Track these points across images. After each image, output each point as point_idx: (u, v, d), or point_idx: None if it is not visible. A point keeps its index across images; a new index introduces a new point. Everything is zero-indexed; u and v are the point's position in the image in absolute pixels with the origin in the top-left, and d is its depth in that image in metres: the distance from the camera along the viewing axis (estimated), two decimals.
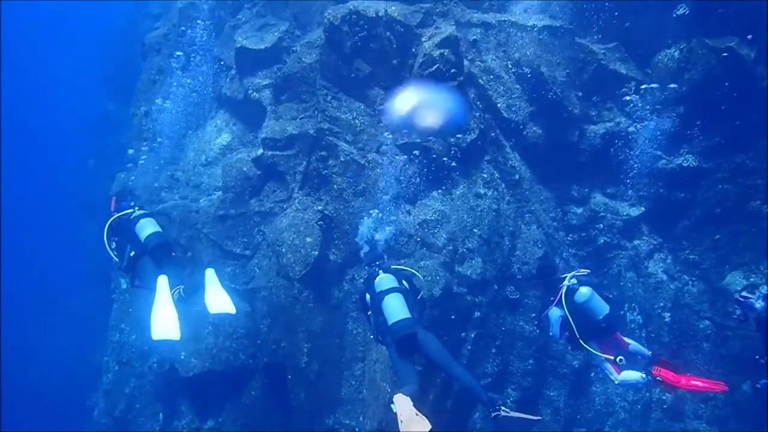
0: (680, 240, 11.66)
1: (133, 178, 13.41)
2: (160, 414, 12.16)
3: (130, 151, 14.36)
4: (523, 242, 11.30)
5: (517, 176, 11.37)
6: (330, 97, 11.22)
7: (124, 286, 13.46)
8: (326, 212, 10.71)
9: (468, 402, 10.72)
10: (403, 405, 6.60)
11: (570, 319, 7.89)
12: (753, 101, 10.46)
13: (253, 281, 11.07)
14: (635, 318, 11.49)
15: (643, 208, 11.74)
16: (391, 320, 7.14)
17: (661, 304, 11.50)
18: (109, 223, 8.26)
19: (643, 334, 11.38)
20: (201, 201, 12.33)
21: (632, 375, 7.88)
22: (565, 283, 8.11)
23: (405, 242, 10.79)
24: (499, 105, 11.30)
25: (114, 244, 8.23)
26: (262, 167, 11.48)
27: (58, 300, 24.83)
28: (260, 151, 11.45)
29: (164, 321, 7.58)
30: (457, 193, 11.31)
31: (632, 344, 8.34)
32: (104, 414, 13.11)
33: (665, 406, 11.20)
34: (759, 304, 7.33)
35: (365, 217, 10.22)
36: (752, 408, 10.66)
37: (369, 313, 7.67)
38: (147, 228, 8.06)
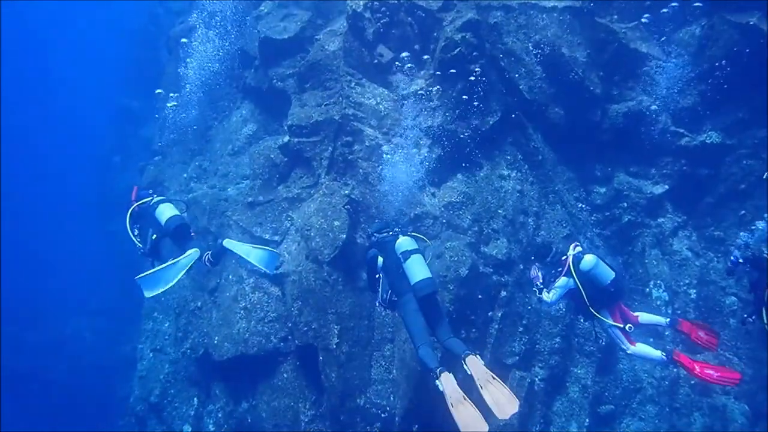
0: (704, 217, 11.71)
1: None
2: (195, 398, 12.45)
3: (159, 144, 14.71)
4: (548, 222, 11.43)
5: (540, 157, 11.49)
6: (354, 83, 11.41)
7: None
8: (353, 196, 10.89)
9: None
10: (449, 384, 6.93)
11: (581, 288, 8.17)
12: None
13: (282, 266, 11.27)
14: (661, 295, 11.55)
15: (666, 186, 11.78)
16: (414, 279, 7.51)
17: (687, 281, 11.56)
18: (130, 211, 8.74)
19: (669, 311, 11.44)
20: (229, 190, 12.58)
21: (649, 351, 8.27)
22: (570, 252, 8.43)
23: (431, 224, 10.96)
24: (521, 87, 11.41)
25: (136, 231, 8.65)
26: (289, 154, 11.69)
27: (84, 296, 25.27)
28: (286, 138, 11.66)
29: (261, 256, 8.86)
30: (481, 174, 11.47)
31: (642, 315, 8.64)
32: (140, 400, 13.45)
33: (693, 382, 11.26)
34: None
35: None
36: None
37: (378, 275, 8.02)
38: (167, 212, 8.61)
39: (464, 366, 7.10)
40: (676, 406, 11.27)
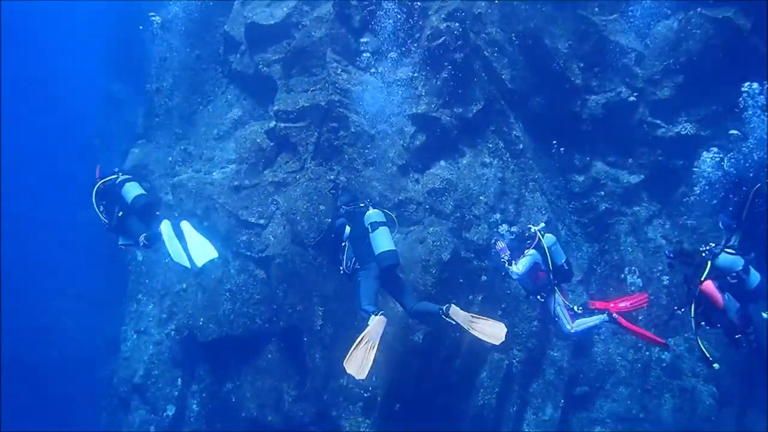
0: (678, 206, 12.07)
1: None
2: (179, 379, 12.61)
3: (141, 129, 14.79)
4: (528, 209, 11.71)
5: (521, 146, 11.75)
6: (340, 69, 11.56)
7: (140, 258, 13.87)
8: (338, 181, 11.08)
9: (475, 363, 11.20)
10: (459, 315, 7.82)
11: (550, 259, 8.86)
12: (749, 70, 10.82)
13: (268, 249, 11.43)
14: (635, 281, 11.89)
15: (642, 176, 12.10)
16: (379, 250, 8.07)
17: (660, 268, 11.88)
18: (96, 188, 8.96)
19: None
20: (214, 174, 12.66)
21: (589, 320, 9.00)
22: (536, 229, 9.02)
23: (414, 209, 11.20)
24: (503, 76, 11.65)
25: (102, 207, 8.86)
26: (275, 139, 11.82)
27: (64, 280, 25.09)
28: (273, 123, 11.78)
29: (198, 248, 8.55)
30: (464, 162, 11.72)
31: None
32: (123, 381, 13.54)
33: (664, 365, 11.66)
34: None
35: None
36: (746, 366, 11.15)
37: (344, 244, 8.48)
38: (133, 191, 8.82)
39: (447, 320, 7.81)
40: (648, 388, 11.65)
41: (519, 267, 8.80)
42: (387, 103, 11.51)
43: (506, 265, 8.94)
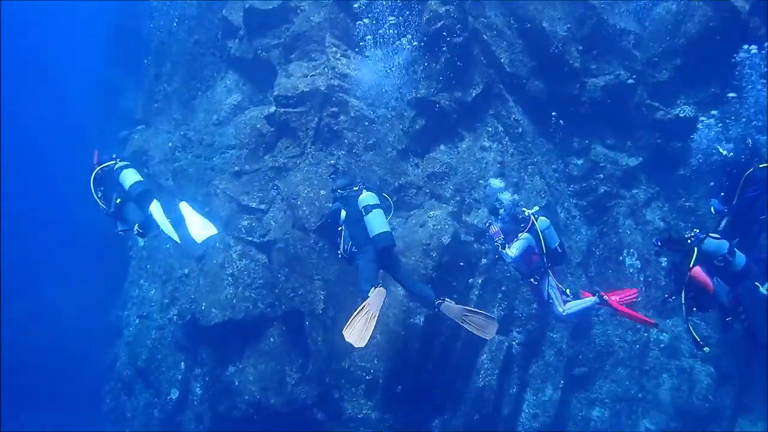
0: (676, 188, 12.16)
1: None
2: (182, 363, 12.69)
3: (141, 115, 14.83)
4: (527, 193, 11.77)
5: (520, 129, 11.80)
6: (339, 54, 11.59)
7: (141, 243, 13.94)
8: (338, 166, 11.13)
9: (475, 345, 11.31)
10: (452, 308, 8.01)
11: (543, 243, 8.93)
12: None
13: (269, 234, 11.51)
14: (634, 263, 12.00)
15: (641, 158, 12.18)
16: (374, 232, 8.14)
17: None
18: (93, 174, 8.93)
19: (641, 278, 11.91)
20: (215, 159, 12.72)
21: (580, 302, 9.11)
22: (530, 212, 9.15)
23: (414, 194, 11.27)
24: (502, 60, 11.69)
25: (100, 193, 8.92)
26: (275, 124, 11.85)
27: (62, 266, 25.18)
28: (272, 108, 11.81)
29: (197, 225, 8.73)
30: (463, 146, 11.78)
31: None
32: (126, 365, 13.68)
33: (662, 346, 11.79)
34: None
35: None
36: (744, 346, 11.27)
37: (340, 228, 8.52)
38: (130, 177, 8.81)
39: (441, 312, 8.04)
40: (646, 369, 11.81)
41: (513, 250, 8.86)
42: (386, 88, 11.55)
43: (500, 248, 8.97)
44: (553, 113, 11.97)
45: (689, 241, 7.96)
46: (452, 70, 11.49)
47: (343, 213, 8.53)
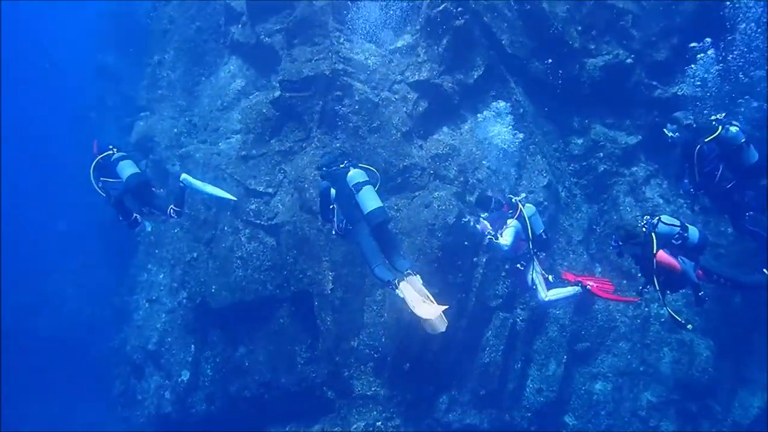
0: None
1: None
2: (192, 345, 12.90)
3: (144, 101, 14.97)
4: (529, 172, 11.98)
5: (521, 110, 11.98)
6: (342, 38, 11.73)
7: (149, 228, 14.10)
8: (344, 149, 11.30)
9: (480, 322, 11.57)
10: (408, 290, 7.84)
11: (530, 228, 9.06)
12: None
13: (277, 217, 11.71)
14: None
15: (640, 137, 12.37)
16: (367, 209, 8.21)
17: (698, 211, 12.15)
18: (94, 163, 9.16)
19: None
20: (220, 144, 12.87)
21: (563, 290, 9.26)
22: (517, 199, 9.25)
23: (419, 175, 11.46)
24: (503, 42, 11.86)
25: (101, 183, 9.11)
26: (281, 108, 11.99)
27: (65, 252, 25.31)
28: (278, 93, 11.94)
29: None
30: (466, 127, 11.96)
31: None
32: (137, 349, 13.89)
33: (663, 320, 12.03)
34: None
35: None
36: (741, 319, 11.55)
37: (332, 206, 8.61)
38: (127, 169, 9.01)
39: (396, 291, 7.91)
40: (647, 343, 12.03)
41: (507, 239, 8.89)
42: (390, 71, 11.70)
43: (493, 240, 8.97)
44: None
45: (645, 229, 8.01)
46: (454, 52, 11.65)
47: (332, 191, 8.60)
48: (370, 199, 8.28)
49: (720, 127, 8.70)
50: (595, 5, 11.93)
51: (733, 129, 8.73)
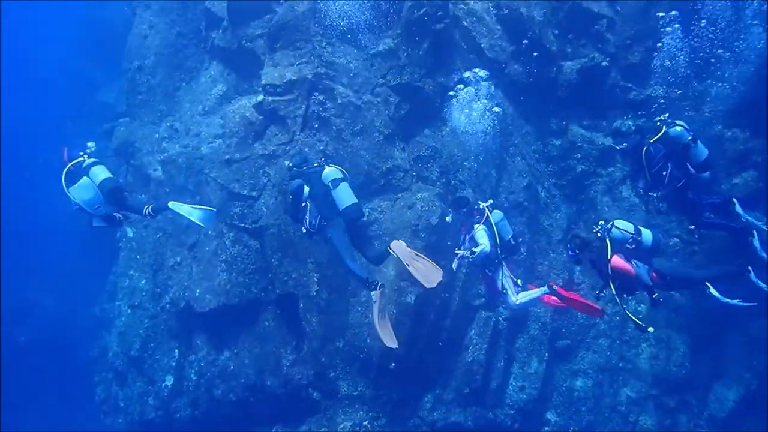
0: None
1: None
2: (176, 350, 12.87)
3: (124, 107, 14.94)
4: (509, 173, 12.20)
5: (501, 112, 12.19)
6: (324, 43, 11.85)
7: (131, 234, 14.08)
8: (327, 152, 11.41)
9: (464, 322, 11.74)
10: (402, 248, 8.60)
11: (497, 234, 9.07)
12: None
13: (261, 219, 11.73)
14: None
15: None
16: (344, 204, 8.59)
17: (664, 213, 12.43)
18: (65, 171, 9.09)
19: None
20: (203, 148, 12.87)
21: (531, 293, 9.32)
22: (485, 205, 9.28)
23: (402, 177, 11.61)
24: (482, 45, 12.07)
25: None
26: (264, 112, 12.03)
27: (42, 262, 24.97)
28: (261, 97, 12.01)
29: (198, 214, 9.40)
30: (447, 130, 12.13)
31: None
32: (119, 355, 13.79)
33: (640, 316, 12.25)
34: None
35: None
36: (717, 316, 11.83)
37: (304, 204, 8.77)
38: (100, 174, 9.04)
39: (391, 251, 8.64)
40: (626, 339, 12.30)
41: (483, 240, 8.91)
42: (372, 74, 11.85)
43: (469, 256, 8.91)
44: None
45: (599, 234, 8.17)
46: (435, 55, 11.82)
47: (306, 189, 8.74)
48: (346, 196, 8.62)
49: (663, 128, 8.85)
50: (571, 9, 12.21)
51: (677, 128, 8.85)
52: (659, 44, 11.45)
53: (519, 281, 9.44)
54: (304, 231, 8.90)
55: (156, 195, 13.17)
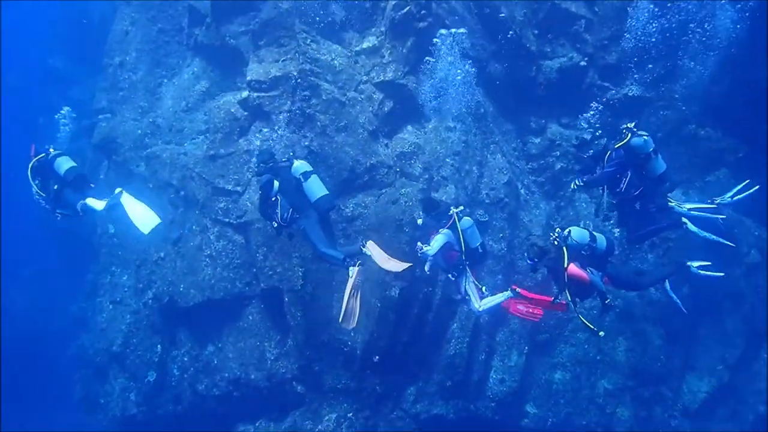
0: None
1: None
2: (158, 345, 12.84)
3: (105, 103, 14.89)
4: (490, 170, 12.41)
5: (482, 110, 12.42)
6: (309, 40, 11.94)
7: (112, 230, 14.04)
8: (312, 148, 11.52)
9: (446, 315, 11.92)
10: (376, 249, 8.92)
11: (462, 240, 9.03)
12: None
13: (246, 215, 11.79)
14: None
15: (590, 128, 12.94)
16: (315, 196, 8.74)
17: (612, 222, 12.76)
18: (30, 165, 9.14)
19: None
20: (186, 145, 12.90)
21: (495, 298, 9.34)
22: (455, 210, 9.21)
23: (386, 173, 11.76)
24: (464, 45, 12.27)
25: (38, 183, 9.15)
26: (249, 108, 12.11)
27: (14, 263, 24.68)
28: (246, 93, 12.09)
29: (141, 216, 8.98)
30: (430, 126, 12.33)
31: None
32: (100, 351, 13.71)
33: (618, 311, 12.57)
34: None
35: None
36: (691, 309, 12.17)
37: (274, 198, 8.91)
38: (65, 164, 9.09)
39: (364, 250, 8.87)
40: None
41: (432, 246, 8.87)
42: (356, 72, 12.00)
43: (419, 251, 8.89)
44: None
45: (556, 242, 8.27)
46: (417, 53, 11.99)
47: (275, 183, 8.88)
48: (317, 187, 8.77)
49: (629, 135, 9.01)
50: (550, 9, 12.49)
51: (641, 138, 9.01)
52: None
53: (484, 288, 9.41)
54: (275, 226, 9.07)
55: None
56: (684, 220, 9.13)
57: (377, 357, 11.35)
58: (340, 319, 8.72)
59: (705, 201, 9.52)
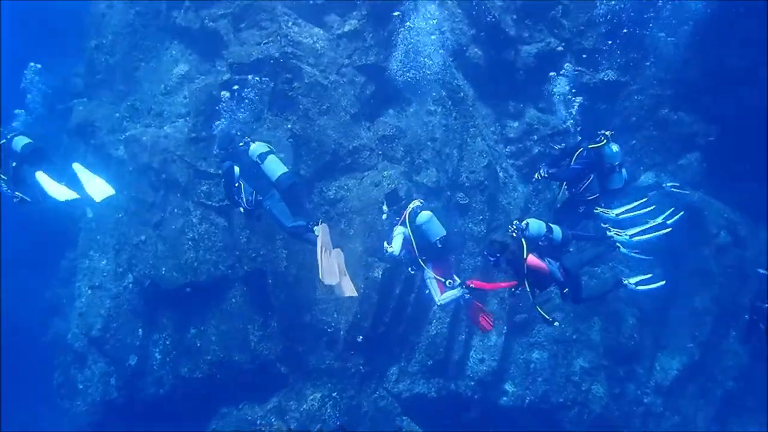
0: None
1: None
2: (140, 329, 12.72)
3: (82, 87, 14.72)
4: (469, 153, 12.57)
5: (461, 94, 12.58)
6: (291, 23, 11.98)
7: (90, 215, 13.90)
8: (294, 131, 11.57)
9: (428, 297, 12.05)
10: (324, 233, 8.72)
11: (412, 238, 8.99)
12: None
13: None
14: None
15: (570, 120, 13.20)
16: (275, 175, 8.91)
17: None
18: None
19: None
20: (166, 128, 12.80)
21: (451, 293, 9.28)
22: (410, 206, 9.17)
23: (368, 155, 11.88)
24: (444, 29, 12.41)
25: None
26: (230, 91, 12.10)
27: None
28: (227, 76, 12.06)
29: (96, 185, 8.99)
30: (411, 110, 12.47)
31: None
32: (79, 336, 13.52)
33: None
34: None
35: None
36: (669, 296, 12.57)
37: (237, 184, 9.08)
38: (20, 141, 9.12)
39: (313, 230, 8.71)
40: (579, 312, 12.82)
41: (394, 246, 8.84)
42: (338, 55, 12.07)
43: (386, 251, 8.94)
44: None
45: (514, 235, 8.46)
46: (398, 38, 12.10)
47: (236, 169, 9.03)
48: (276, 166, 8.95)
49: (605, 141, 9.37)
50: None
51: (614, 147, 9.40)
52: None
53: (448, 282, 9.21)
54: (242, 210, 9.19)
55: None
56: (618, 244, 9.38)
57: (361, 337, 11.50)
58: (321, 277, 8.57)
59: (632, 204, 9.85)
